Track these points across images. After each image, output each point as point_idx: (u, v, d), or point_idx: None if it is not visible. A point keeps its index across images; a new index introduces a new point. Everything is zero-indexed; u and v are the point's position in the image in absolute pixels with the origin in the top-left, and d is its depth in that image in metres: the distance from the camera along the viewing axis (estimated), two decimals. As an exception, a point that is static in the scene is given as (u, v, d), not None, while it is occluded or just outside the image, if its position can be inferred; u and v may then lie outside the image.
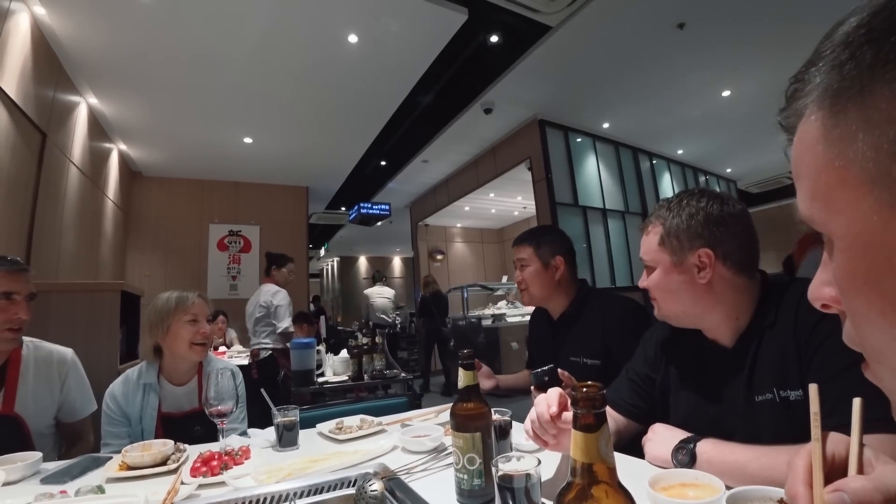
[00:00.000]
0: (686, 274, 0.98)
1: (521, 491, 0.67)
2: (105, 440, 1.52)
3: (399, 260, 14.84)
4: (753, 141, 6.85)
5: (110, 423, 1.52)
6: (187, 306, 1.62)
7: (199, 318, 1.63)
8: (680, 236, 0.99)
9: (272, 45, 3.51)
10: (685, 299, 0.99)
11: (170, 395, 1.61)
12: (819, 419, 0.46)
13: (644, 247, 1.07)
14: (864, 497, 0.40)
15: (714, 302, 0.98)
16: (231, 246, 6.41)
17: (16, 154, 2.90)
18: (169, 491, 0.90)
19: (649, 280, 1.05)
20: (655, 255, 1.03)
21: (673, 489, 0.79)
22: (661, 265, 1.02)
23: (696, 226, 0.98)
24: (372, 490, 0.86)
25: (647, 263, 1.06)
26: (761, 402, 0.90)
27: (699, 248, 0.97)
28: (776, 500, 0.66)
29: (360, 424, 1.42)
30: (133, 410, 1.55)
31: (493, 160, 6.40)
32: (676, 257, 0.99)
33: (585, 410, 0.47)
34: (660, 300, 1.05)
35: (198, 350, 1.61)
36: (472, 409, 0.86)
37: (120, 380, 1.60)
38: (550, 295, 1.73)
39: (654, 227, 1.04)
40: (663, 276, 1.02)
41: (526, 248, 1.74)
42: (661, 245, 1.02)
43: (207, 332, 1.63)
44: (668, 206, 1.03)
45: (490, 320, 6.56)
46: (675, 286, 1.00)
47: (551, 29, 3.78)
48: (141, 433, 1.54)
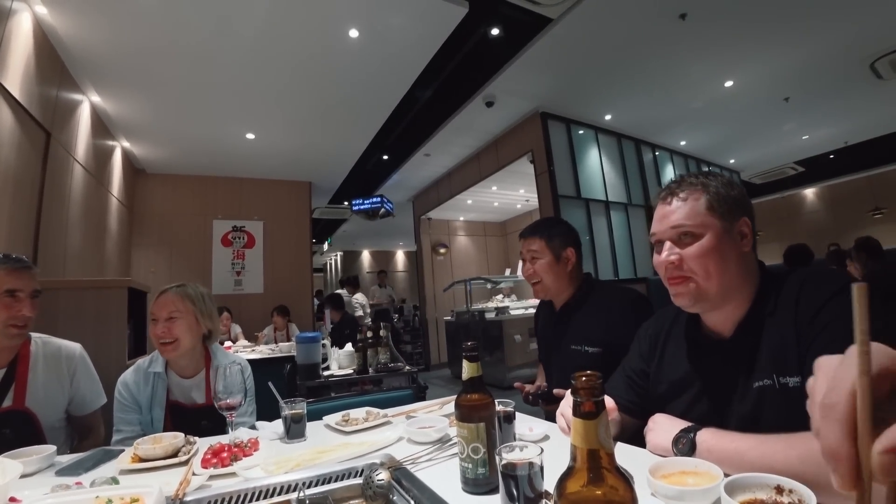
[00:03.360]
0: (735, 242, 0.96)
1: (525, 479, 0.69)
2: (117, 426, 1.54)
3: (402, 254, 14.87)
4: (756, 131, 6.82)
5: (122, 409, 1.55)
6: (153, 304, 1.60)
7: (158, 316, 1.57)
8: (728, 202, 0.97)
9: (274, 40, 3.51)
10: (732, 269, 0.95)
11: (177, 386, 1.63)
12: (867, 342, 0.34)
13: (684, 211, 0.98)
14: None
15: (746, 276, 0.97)
16: (235, 241, 6.44)
17: (21, 153, 2.92)
18: (181, 482, 0.92)
19: (691, 249, 0.96)
20: (704, 220, 0.96)
21: (673, 477, 0.81)
22: (711, 230, 0.95)
23: (737, 195, 0.98)
24: (379, 479, 0.88)
25: (690, 229, 0.96)
26: (760, 387, 0.90)
27: (742, 215, 0.97)
28: (773, 486, 0.67)
29: (366, 416, 1.44)
30: (143, 398, 1.57)
31: (495, 153, 6.39)
32: (728, 223, 0.96)
33: (585, 398, 0.49)
34: (703, 274, 0.95)
35: (161, 349, 1.56)
36: (476, 400, 0.88)
37: (131, 368, 1.62)
38: (562, 287, 1.72)
39: (692, 193, 0.98)
40: (715, 241, 0.94)
41: (537, 240, 1.71)
42: (710, 210, 0.96)
43: (159, 332, 1.55)
44: (700, 177, 1.01)
45: (493, 313, 6.59)
46: (728, 252, 0.95)
47: (552, 21, 3.76)
48: (151, 422, 1.56)
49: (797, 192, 10.14)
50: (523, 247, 1.77)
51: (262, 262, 6.54)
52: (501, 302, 7.06)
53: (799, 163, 8.62)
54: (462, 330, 6.97)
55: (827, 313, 0.84)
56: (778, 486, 0.67)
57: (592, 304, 1.67)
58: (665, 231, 1.00)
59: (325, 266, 16.04)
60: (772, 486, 0.67)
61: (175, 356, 1.59)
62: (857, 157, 8.25)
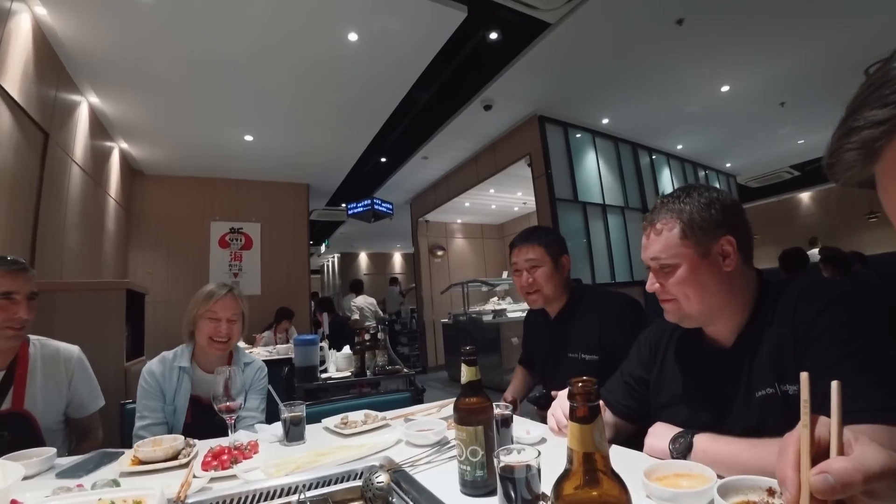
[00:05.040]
0: (714, 265, 0.96)
1: (522, 481, 0.70)
2: (140, 413, 1.57)
3: (399, 256, 14.87)
4: (752, 136, 6.86)
5: (146, 396, 1.58)
6: (210, 303, 1.65)
7: (220, 316, 1.65)
8: (703, 226, 0.96)
9: (272, 42, 3.52)
10: (714, 291, 0.96)
11: (201, 380, 1.66)
12: (808, 406, 0.48)
13: (659, 245, 1.00)
14: (846, 477, 0.43)
15: (734, 292, 0.97)
16: (232, 243, 6.43)
17: (19, 154, 2.92)
18: (182, 484, 0.92)
19: (672, 280, 0.99)
20: (678, 251, 0.98)
21: (667, 479, 0.82)
22: (686, 260, 0.97)
23: (717, 213, 0.96)
24: (378, 482, 0.89)
25: (665, 262, 0.99)
26: (762, 396, 0.91)
27: (722, 235, 0.96)
28: (765, 489, 0.68)
29: (364, 419, 1.45)
30: (169, 388, 1.61)
31: (492, 156, 6.41)
32: (702, 248, 0.96)
33: (581, 403, 0.50)
34: (684, 299, 0.99)
35: (215, 346, 1.65)
36: (474, 403, 0.89)
37: (157, 359, 1.66)
38: (559, 294, 1.70)
39: (668, 223, 1.00)
40: (690, 271, 0.97)
41: (535, 247, 1.67)
42: (683, 239, 0.97)
43: (224, 331, 1.65)
44: (678, 200, 1.00)
45: (491, 316, 6.60)
46: (706, 279, 0.96)
47: (550, 26, 3.78)
48: (174, 412, 1.60)
49: (793, 196, 10.20)
50: (517, 256, 1.71)
51: (260, 263, 6.53)
52: (498, 304, 7.07)
53: (795, 167, 8.66)
54: (459, 333, 6.98)
55: (822, 322, 0.86)
56: (770, 488, 0.68)
57: (585, 311, 1.67)
58: (647, 261, 1.05)
59: (322, 268, 16.02)
60: (764, 488, 0.69)
61: (222, 353, 1.69)
62: (852, 162, 8.28)
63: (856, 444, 0.46)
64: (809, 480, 0.45)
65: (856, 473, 0.43)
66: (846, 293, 0.87)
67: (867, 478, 0.42)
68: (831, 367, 0.80)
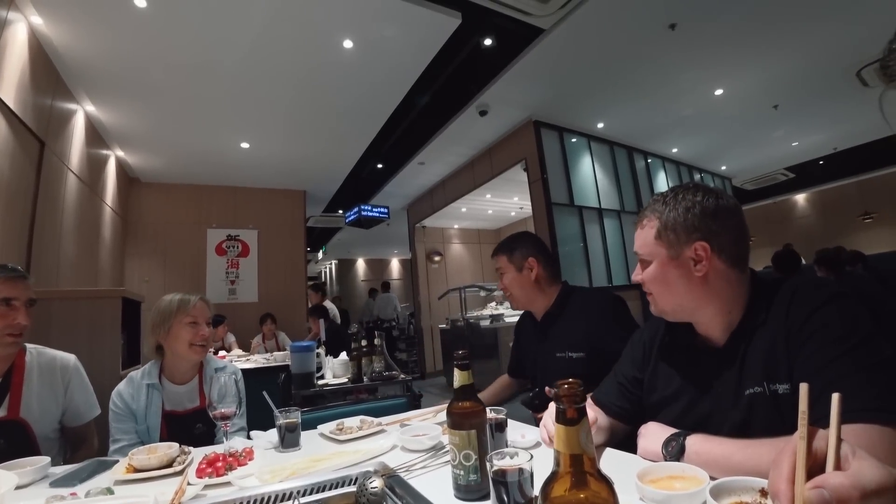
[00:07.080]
0: (682, 268, 0.99)
1: (515, 485, 0.70)
2: (114, 436, 1.56)
3: (397, 262, 14.86)
4: (747, 138, 6.90)
5: (117, 419, 1.57)
6: (188, 309, 1.67)
7: (199, 320, 1.68)
8: (677, 229, 0.99)
9: (268, 50, 3.54)
10: (681, 293, 1.00)
11: (172, 393, 1.66)
12: (807, 418, 0.47)
13: (639, 241, 1.07)
14: (843, 493, 0.42)
15: (710, 295, 0.98)
16: (229, 250, 6.42)
17: (15, 162, 2.92)
18: (176, 491, 0.92)
19: (645, 274, 1.05)
20: (652, 249, 1.03)
21: (661, 481, 0.83)
22: (657, 259, 1.02)
23: (693, 219, 0.98)
24: (372, 487, 0.89)
25: (643, 257, 1.06)
26: (751, 395, 0.91)
27: (696, 241, 0.97)
28: (758, 489, 0.69)
29: (360, 425, 1.45)
30: (139, 408, 1.60)
31: (489, 161, 6.43)
32: (673, 251, 1.00)
33: (567, 405, 0.51)
34: (656, 294, 1.05)
35: (197, 350, 1.66)
36: (467, 407, 0.90)
37: (124, 381, 1.65)
38: (533, 296, 1.81)
39: (650, 220, 1.04)
40: (659, 269, 1.02)
41: (500, 257, 1.85)
42: (657, 238, 1.02)
43: (206, 334, 1.68)
44: (663, 200, 1.03)
45: (488, 321, 6.59)
46: (672, 279, 1.00)
47: (544, 31, 3.81)
48: (147, 430, 1.58)
49: (788, 198, 10.25)
50: (495, 266, 1.89)
51: (257, 270, 6.52)
52: (496, 309, 7.06)
53: (789, 169, 8.72)
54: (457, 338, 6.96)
55: (815, 322, 0.86)
56: (762, 489, 0.68)
57: (571, 310, 1.73)
58: (635, 252, 1.11)
59: (319, 275, 16.02)
60: (756, 489, 0.69)
61: (203, 357, 1.71)
62: (845, 163, 8.36)
63: (853, 459, 0.45)
64: (804, 495, 0.44)
65: (852, 490, 0.42)
66: (840, 293, 0.88)
67: (864, 495, 0.42)
68: (825, 366, 0.80)
